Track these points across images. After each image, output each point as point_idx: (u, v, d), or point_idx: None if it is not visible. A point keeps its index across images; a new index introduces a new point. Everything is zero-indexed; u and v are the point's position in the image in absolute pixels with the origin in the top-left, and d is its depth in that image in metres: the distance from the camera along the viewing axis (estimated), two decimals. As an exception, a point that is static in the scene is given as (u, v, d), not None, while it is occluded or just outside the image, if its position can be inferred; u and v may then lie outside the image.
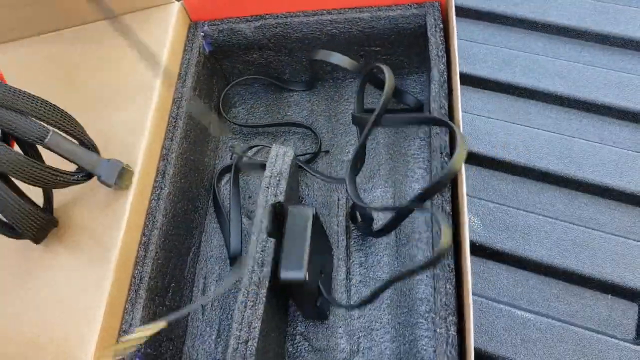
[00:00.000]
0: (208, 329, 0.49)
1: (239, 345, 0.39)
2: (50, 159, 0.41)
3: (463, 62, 0.61)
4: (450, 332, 0.37)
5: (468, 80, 0.61)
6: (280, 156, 0.48)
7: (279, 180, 0.46)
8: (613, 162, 0.54)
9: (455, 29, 0.47)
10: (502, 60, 0.61)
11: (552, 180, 0.54)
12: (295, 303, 0.47)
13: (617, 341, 0.47)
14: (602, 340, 0.47)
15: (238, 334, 0.39)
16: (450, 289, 0.38)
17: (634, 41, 0.61)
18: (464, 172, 0.40)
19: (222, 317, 0.49)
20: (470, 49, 0.62)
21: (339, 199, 0.53)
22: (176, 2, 0.53)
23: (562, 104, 0.58)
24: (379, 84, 0.52)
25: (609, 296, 0.49)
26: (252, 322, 0.40)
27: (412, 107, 0.54)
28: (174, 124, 0.49)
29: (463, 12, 0.65)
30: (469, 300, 0.36)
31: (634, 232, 0.51)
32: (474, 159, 0.42)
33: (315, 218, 0.44)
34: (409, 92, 0.56)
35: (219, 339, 0.48)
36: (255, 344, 0.39)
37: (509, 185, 0.54)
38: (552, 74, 0.59)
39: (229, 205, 0.54)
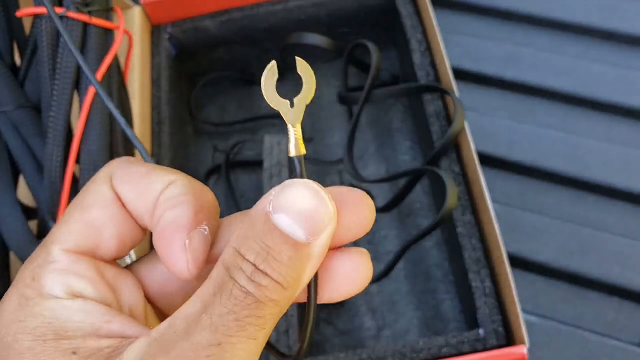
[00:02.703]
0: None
1: (280, 336, 0.39)
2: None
3: (467, 60, 0.59)
4: (485, 285, 0.38)
5: (472, 78, 0.59)
6: (275, 146, 0.47)
7: (280, 169, 0.46)
8: (621, 162, 0.53)
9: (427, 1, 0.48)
10: (507, 58, 0.59)
11: (559, 181, 0.53)
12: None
13: (623, 345, 0.46)
14: (609, 343, 0.46)
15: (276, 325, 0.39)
16: (476, 243, 0.39)
17: (641, 38, 0.59)
18: (469, 132, 0.41)
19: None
20: (475, 45, 0.60)
21: (333, 183, 0.53)
22: (137, 7, 0.52)
23: (569, 102, 0.57)
24: (357, 63, 0.53)
25: (616, 299, 0.48)
26: (288, 312, 0.39)
27: (388, 82, 0.55)
28: (158, 130, 0.48)
29: (467, 8, 0.63)
30: (501, 250, 0.37)
31: (642, 233, 0.50)
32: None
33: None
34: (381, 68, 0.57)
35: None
36: (295, 332, 0.39)
37: (514, 186, 0.53)
38: (558, 72, 0.58)
39: (222, 206, 0.53)
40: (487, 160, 0.54)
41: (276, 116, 0.57)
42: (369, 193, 0.49)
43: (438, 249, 0.48)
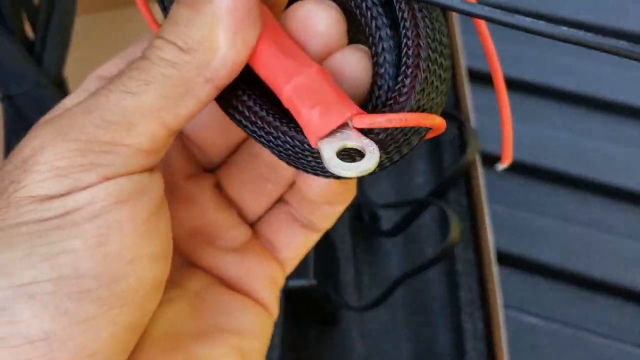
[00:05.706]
0: (216, 340, 0.47)
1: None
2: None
3: (470, 59, 0.59)
4: (477, 327, 0.37)
5: (476, 77, 0.58)
6: (283, 157, 0.47)
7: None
8: (625, 163, 0.53)
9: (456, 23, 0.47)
10: (510, 57, 0.59)
11: (562, 181, 0.53)
12: (304, 309, 0.46)
13: (628, 347, 0.46)
14: (613, 346, 0.46)
15: (257, 344, 0.38)
16: (473, 284, 0.38)
17: (646, 37, 0.59)
18: (480, 165, 0.40)
19: (230, 326, 0.48)
20: (478, 44, 0.61)
21: (343, 197, 0.52)
22: None
23: (573, 102, 0.57)
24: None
25: (620, 301, 0.48)
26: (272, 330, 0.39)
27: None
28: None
29: (470, 8, 0.64)
30: (496, 294, 0.36)
31: (646, 234, 0.50)
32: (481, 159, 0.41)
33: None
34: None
35: (228, 350, 0.47)
36: (278, 352, 0.38)
37: (517, 186, 0.53)
38: (562, 71, 0.58)
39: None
40: (490, 161, 0.54)
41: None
42: (375, 214, 0.48)
43: (440, 281, 0.46)
